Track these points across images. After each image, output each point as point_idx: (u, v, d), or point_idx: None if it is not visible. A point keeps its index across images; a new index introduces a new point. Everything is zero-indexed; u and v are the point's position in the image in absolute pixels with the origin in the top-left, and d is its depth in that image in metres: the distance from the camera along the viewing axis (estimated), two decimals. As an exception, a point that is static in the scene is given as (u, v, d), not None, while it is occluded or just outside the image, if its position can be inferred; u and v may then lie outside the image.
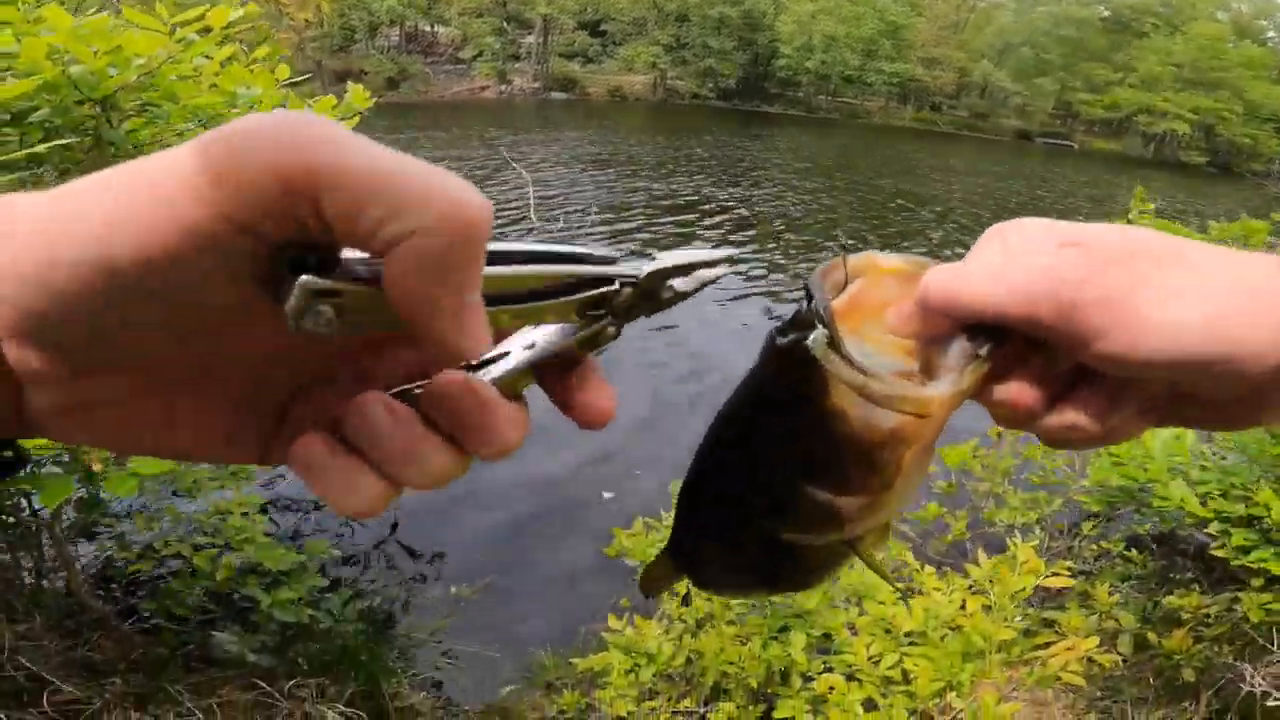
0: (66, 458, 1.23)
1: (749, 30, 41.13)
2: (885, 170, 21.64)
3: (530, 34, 38.68)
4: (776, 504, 0.34)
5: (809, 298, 0.31)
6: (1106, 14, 45.38)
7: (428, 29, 39.11)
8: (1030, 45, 42.11)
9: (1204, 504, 1.84)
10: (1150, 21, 43.11)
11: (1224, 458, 2.15)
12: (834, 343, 0.30)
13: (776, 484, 0.33)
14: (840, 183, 17.84)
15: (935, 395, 0.31)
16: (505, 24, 37.15)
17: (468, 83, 36.04)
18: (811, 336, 0.30)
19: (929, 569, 2.15)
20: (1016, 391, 0.35)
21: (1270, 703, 1.62)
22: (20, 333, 0.23)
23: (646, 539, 2.20)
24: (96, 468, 0.88)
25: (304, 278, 0.22)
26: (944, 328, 0.34)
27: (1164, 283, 0.31)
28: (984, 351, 0.32)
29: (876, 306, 0.36)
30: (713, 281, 0.32)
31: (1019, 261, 0.33)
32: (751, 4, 40.09)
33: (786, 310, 0.34)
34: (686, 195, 13.70)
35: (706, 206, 12.89)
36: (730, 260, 0.32)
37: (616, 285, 0.29)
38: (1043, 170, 27.87)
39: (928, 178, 21.05)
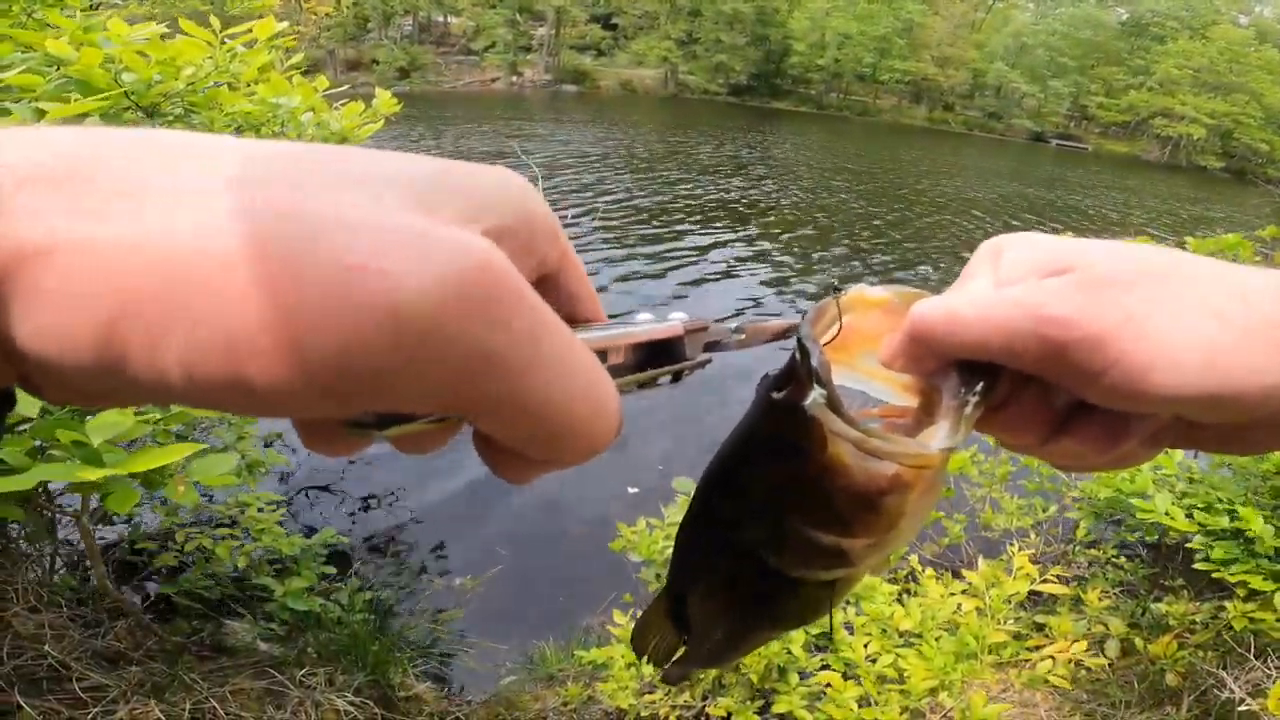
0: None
1: (761, 26, 40.98)
2: (917, 171, 21.51)
3: (542, 26, 38.62)
4: (780, 546, 0.33)
5: (803, 351, 0.30)
6: (1125, 17, 45.02)
7: (440, 19, 39.09)
8: (1046, 47, 41.79)
9: (1189, 517, 1.87)
10: (1170, 25, 42.72)
11: (1217, 469, 2.19)
12: (832, 402, 0.29)
13: (780, 528, 0.33)
14: (884, 185, 17.68)
15: (936, 451, 0.31)
16: (517, 15, 37.10)
17: (478, 74, 36.04)
18: (810, 398, 0.29)
19: (929, 571, 2.20)
20: (1011, 426, 0.34)
21: (1242, 708, 1.66)
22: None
23: (650, 536, 2.25)
24: (180, 489, 0.93)
25: (388, 432, 0.21)
26: (935, 364, 0.33)
27: (1162, 313, 0.29)
28: (977, 393, 0.31)
29: (870, 338, 0.35)
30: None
31: (1004, 295, 0.31)
32: (764, 0, 39.93)
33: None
34: (744, 199, 13.47)
35: (790, 216, 12.61)
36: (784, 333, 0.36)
37: (682, 331, 0.31)
38: (1077, 176, 27.35)
39: (968, 181, 20.83)
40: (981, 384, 0.32)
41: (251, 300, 0.16)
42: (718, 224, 11.30)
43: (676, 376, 0.31)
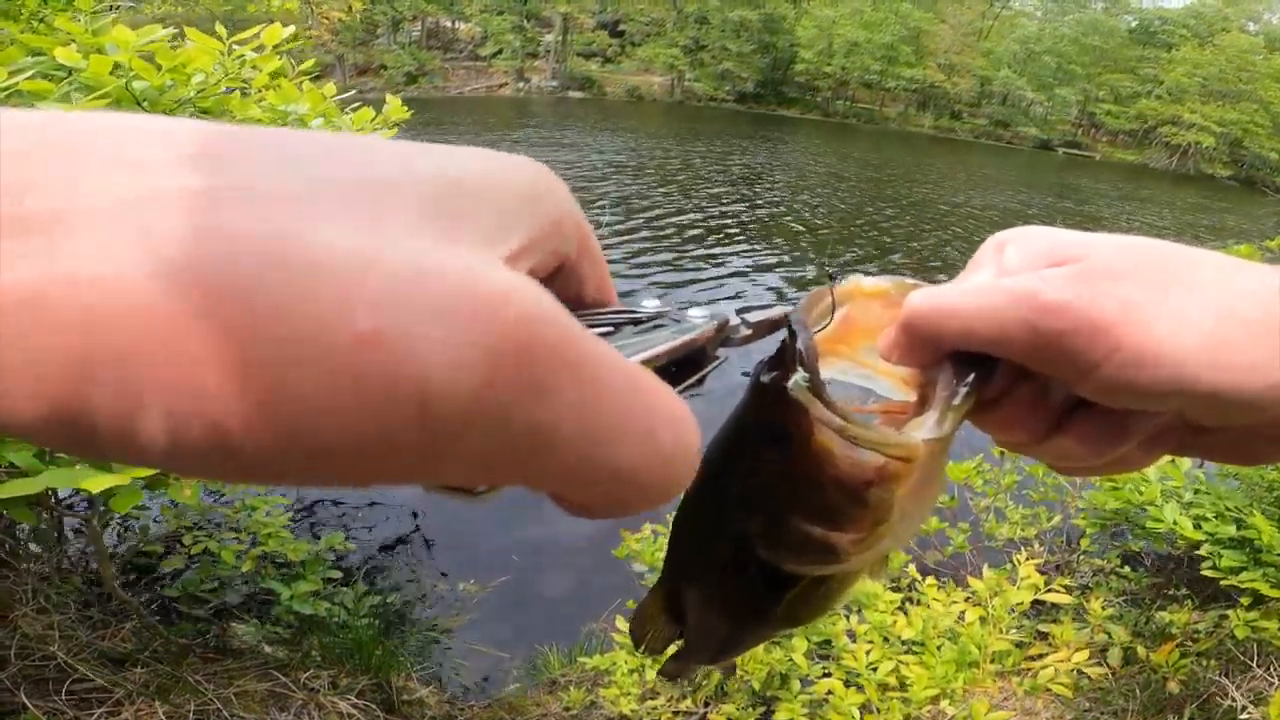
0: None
1: (768, 33, 41.06)
2: (933, 179, 21.35)
3: (549, 32, 38.81)
4: (772, 537, 0.33)
5: (792, 335, 0.29)
6: (1134, 24, 44.95)
7: (448, 25, 39.31)
8: (1053, 54, 41.73)
9: (1197, 526, 1.87)
10: (1179, 33, 42.62)
11: (1224, 479, 2.18)
12: (815, 386, 0.29)
13: (771, 519, 0.32)
14: (900, 194, 17.50)
15: (918, 441, 0.29)
16: (525, 21, 37.32)
17: (485, 79, 36.26)
18: (793, 380, 0.29)
19: (930, 580, 2.19)
20: (1007, 422, 0.33)
21: (1243, 716, 1.66)
22: None
23: (654, 544, 2.25)
24: (187, 493, 0.94)
25: (479, 496, 0.19)
26: (929, 356, 0.32)
27: (1162, 304, 0.28)
28: (969, 384, 0.31)
29: (872, 331, 0.35)
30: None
31: (997, 283, 0.30)
32: (772, 8, 40.01)
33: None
34: (760, 205, 13.34)
35: (808, 223, 12.44)
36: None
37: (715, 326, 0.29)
38: (1089, 184, 27.05)
39: (984, 189, 20.59)
40: (972, 375, 0.31)
41: (232, 379, 0.12)
42: (736, 231, 11.21)
43: (700, 380, 0.30)
